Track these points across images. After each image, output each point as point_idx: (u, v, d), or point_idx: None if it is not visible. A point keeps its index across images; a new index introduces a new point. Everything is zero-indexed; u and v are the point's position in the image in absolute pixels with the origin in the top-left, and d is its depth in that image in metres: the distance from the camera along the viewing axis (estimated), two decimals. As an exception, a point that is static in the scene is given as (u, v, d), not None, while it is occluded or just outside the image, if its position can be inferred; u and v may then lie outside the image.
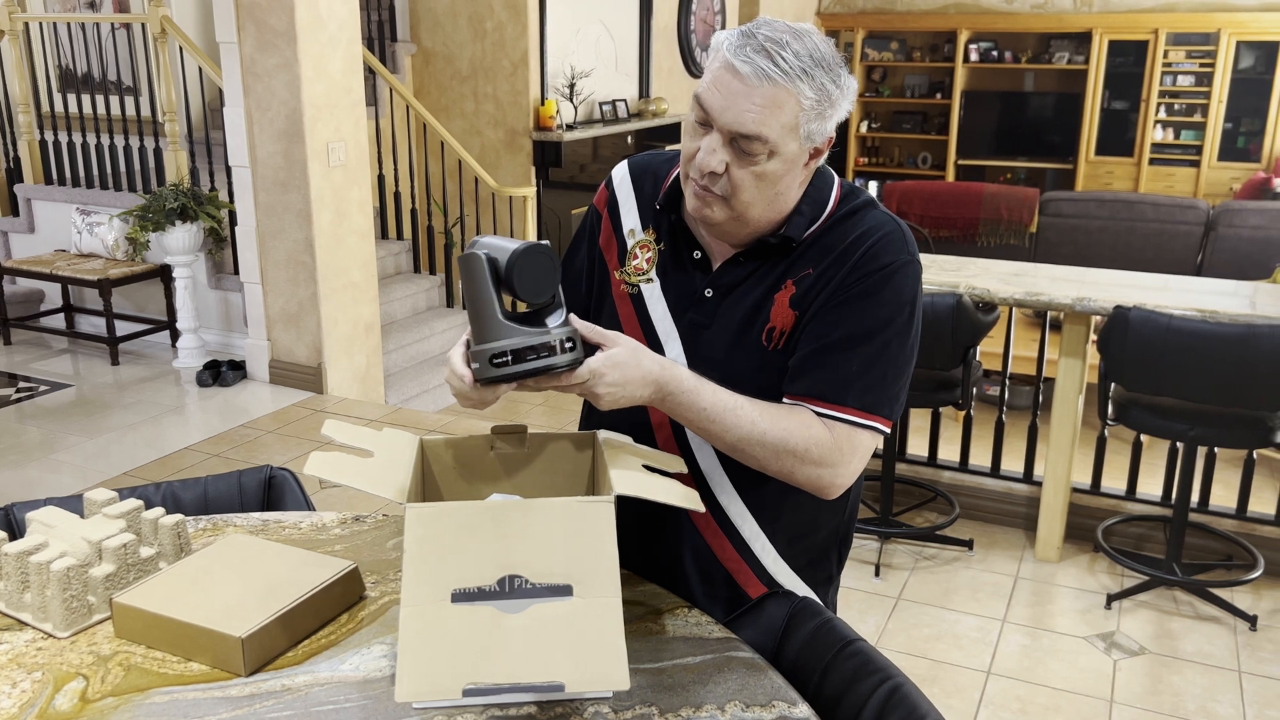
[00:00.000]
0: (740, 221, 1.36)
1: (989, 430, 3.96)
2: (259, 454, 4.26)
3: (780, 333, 1.39)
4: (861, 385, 1.34)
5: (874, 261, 1.35)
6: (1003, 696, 2.83)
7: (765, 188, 1.32)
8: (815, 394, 1.35)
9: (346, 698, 1.21)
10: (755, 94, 1.26)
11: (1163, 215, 6.42)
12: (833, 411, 1.34)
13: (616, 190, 1.54)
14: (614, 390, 1.26)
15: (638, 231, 1.50)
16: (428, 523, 1.18)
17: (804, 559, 1.53)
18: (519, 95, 6.51)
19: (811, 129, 1.30)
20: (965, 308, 3.23)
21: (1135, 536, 3.64)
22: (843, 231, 1.38)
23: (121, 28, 6.40)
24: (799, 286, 1.38)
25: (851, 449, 1.35)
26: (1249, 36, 8.83)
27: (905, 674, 1.28)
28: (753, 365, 1.39)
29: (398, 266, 6.07)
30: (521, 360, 1.24)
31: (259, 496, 1.90)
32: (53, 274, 5.50)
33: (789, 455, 1.33)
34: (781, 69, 1.25)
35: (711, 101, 1.29)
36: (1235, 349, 2.92)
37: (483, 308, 1.25)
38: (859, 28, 10.32)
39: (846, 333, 1.35)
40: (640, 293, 1.48)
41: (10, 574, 1.38)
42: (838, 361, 1.34)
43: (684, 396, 1.30)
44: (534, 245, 1.25)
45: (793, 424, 1.33)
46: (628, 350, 1.27)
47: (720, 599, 1.51)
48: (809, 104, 1.27)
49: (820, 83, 1.27)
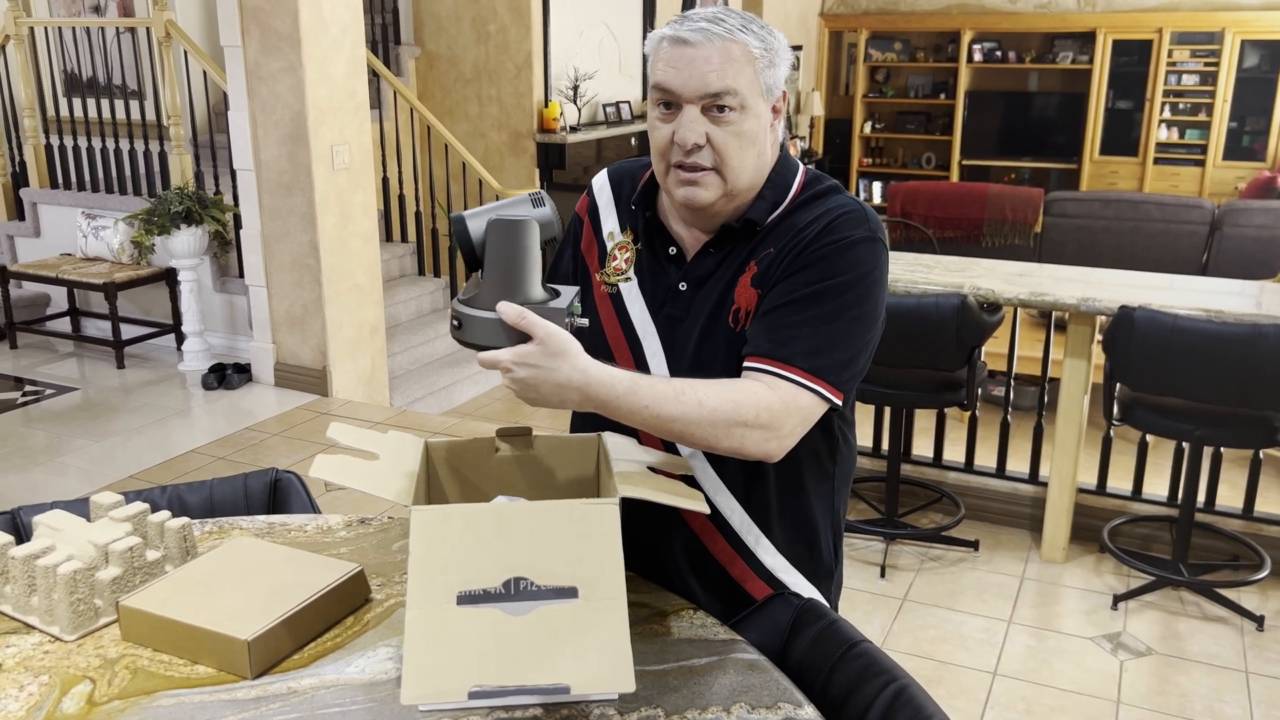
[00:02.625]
0: (729, 196, 1.39)
1: (994, 431, 3.95)
2: (264, 457, 4.26)
3: (745, 313, 1.40)
4: (808, 347, 1.33)
5: (832, 234, 1.37)
6: (1008, 697, 2.83)
7: (747, 147, 1.36)
8: (762, 352, 1.35)
9: (352, 700, 1.21)
10: (710, 53, 1.32)
11: (1168, 215, 6.41)
12: (778, 369, 1.33)
13: (597, 196, 1.58)
14: (525, 390, 1.23)
15: (616, 234, 1.54)
16: (433, 525, 1.19)
17: (802, 552, 1.54)
18: (522, 98, 6.52)
19: (768, 79, 1.36)
20: (970, 308, 3.23)
21: (1141, 537, 3.63)
22: (805, 213, 1.42)
23: (126, 32, 6.43)
24: (760, 265, 1.40)
25: (797, 410, 1.33)
26: (1253, 35, 8.81)
27: (911, 675, 1.28)
28: (722, 349, 1.41)
29: (402, 269, 6.08)
30: (458, 327, 1.25)
31: (264, 499, 1.90)
32: (58, 278, 5.51)
33: (740, 426, 1.29)
34: (725, 27, 1.33)
35: (672, 79, 1.34)
36: (1241, 349, 2.91)
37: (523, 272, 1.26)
38: (862, 28, 10.31)
39: (799, 296, 1.36)
40: (619, 292, 1.50)
41: (17, 577, 1.38)
42: (787, 322, 1.35)
43: (619, 400, 1.25)
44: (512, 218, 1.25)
45: (739, 395, 1.31)
46: (543, 352, 1.21)
47: (718, 595, 1.52)
48: (759, 52, 1.34)
49: (760, 35, 1.35)
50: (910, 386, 3.42)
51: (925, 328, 3.21)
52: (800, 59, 10.04)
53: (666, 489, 1.29)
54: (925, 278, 3.44)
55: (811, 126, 10.49)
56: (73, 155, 5.89)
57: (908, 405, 3.48)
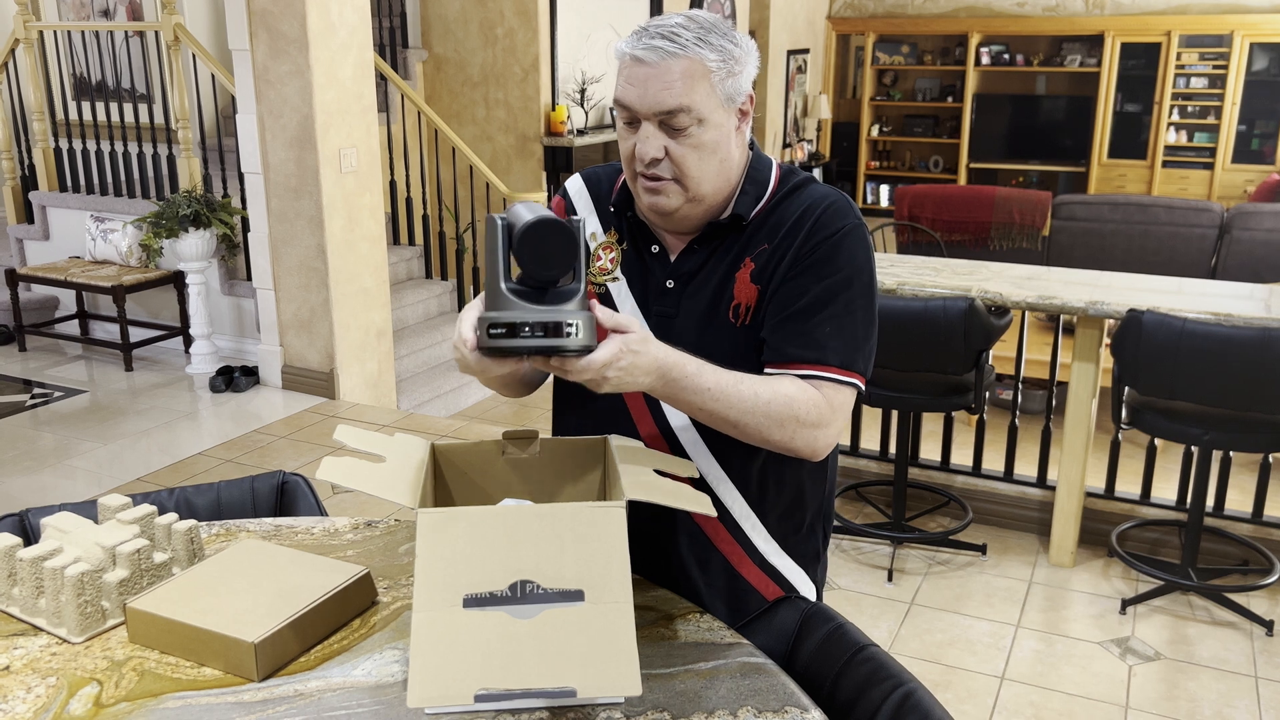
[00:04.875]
0: (694, 201, 1.41)
1: (1002, 435, 3.94)
2: (271, 459, 4.27)
3: (746, 308, 1.44)
4: (836, 345, 1.40)
5: (825, 229, 1.42)
6: (1016, 702, 2.82)
7: (708, 158, 1.38)
8: (796, 359, 1.40)
9: (359, 703, 1.21)
10: (663, 72, 1.33)
11: (1176, 218, 6.38)
12: (816, 372, 1.39)
13: (574, 200, 1.59)
14: (620, 376, 1.26)
15: (599, 234, 1.55)
16: (440, 528, 1.19)
17: (791, 536, 1.55)
18: (530, 101, 6.53)
19: (728, 89, 1.37)
20: (978, 312, 3.22)
21: (1150, 541, 3.62)
22: (789, 206, 1.45)
23: (135, 36, 6.45)
24: (757, 262, 1.44)
25: (840, 406, 1.41)
26: (1262, 38, 8.79)
27: (918, 680, 1.28)
28: (724, 343, 1.44)
29: (409, 272, 6.09)
30: (516, 335, 1.19)
31: (271, 502, 1.91)
32: (67, 281, 5.53)
33: (792, 421, 1.37)
34: (679, 43, 1.33)
35: (629, 95, 1.36)
36: (1250, 352, 2.90)
37: (491, 275, 1.24)
38: (870, 32, 10.31)
39: (813, 299, 1.41)
40: (608, 291, 1.52)
41: (25, 579, 1.38)
42: (810, 327, 1.40)
43: (688, 380, 1.32)
44: (549, 219, 1.20)
45: (791, 389, 1.37)
46: (639, 338, 1.27)
47: (719, 587, 1.52)
48: (715, 65, 1.35)
49: (719, 45, 1.35)
50: (918, 390, 3.41)
51: (933, 331, 3.21)
52: (808, 62, 10.03)
53: (673, 492, 1.29)
54: (933, 281, 3.43)
55: (819, 130, 10.48)
56: (82, 159, 5.91)
57: (915, 409, 3.47)
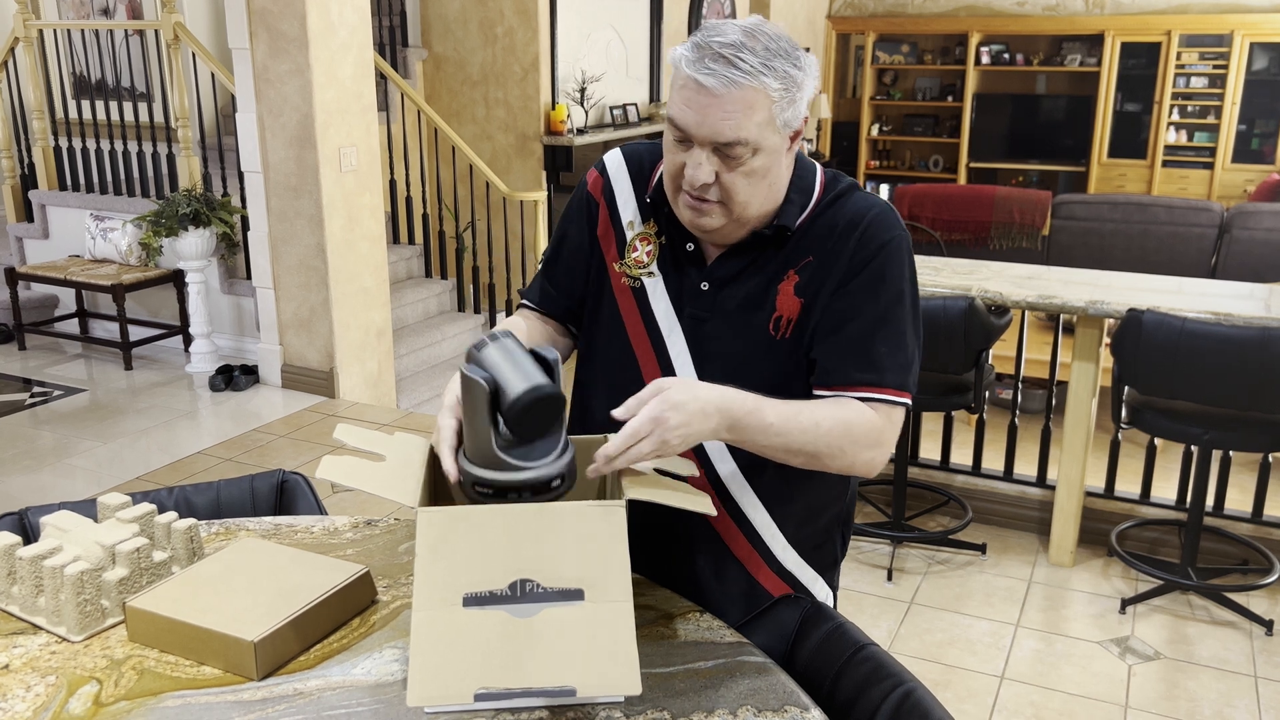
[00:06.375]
0: (739, 222, 1.38)
1: (1002, 434, 3.94)
2: (271, 458, 4.27)
3: (788, 321, 1.41)
4: (892, 364, 1.39)
5: (872, 242, 1.39)
6: (1016, 702, 2.82)
7: (758, 183, 1.35)
8: (854, 381, 1.38)
9: (358, 702, 1.21)
10: (725, 102, 1.28)
11: (1176, 218, 6.39)
12: (874, 394, 1.38)
13: (613, 179, 1.53)
14: (683, 430, 1.23)
15: (637, 223, 1.50)
16: (439, 526, 1.18)
17: (810, 544, 1.55)
18: (530, 100, 6.52)
19: (786, 116, 1.33)
20: (978, 311, 3.22)
21: (1150, 541, 3.62)
22: (833, 216, 1.42)
23: (135, 34, 6.45)
24: (802, 275, 1.41)
25: (895, 425, 1.41)
26: (1263, 38, 8.78)
27: (918, 679, 1.28)
28: (761, 355, 1.42)
29: (409, 271, 6.09)
30: (503, 497, 1.23)
31: (271, 501, 1.91)
32: (67, 279, 5.53)
33: (852, 446, 1.35)
34: (744, 70, 1.27)
35: (686, 119, 1.31)
36: (1250, 352, 2.90)
37: (477, 433, 1.23)
38: (870, 31, 10.31)
39: (866, 319, 1.38)
40: (643, 286, 1.48)
41: (24, 578, 1.38)
42: (866, 348, 1.38)
43: (749, 418, 1.28)
44: (541, 396, 1.19)
45: (849, 414, 1.36)
46: (680, 386, 1.24)
47: (735, 594, 1.51)
48: (778, 94, 1.30)
49: (783, 71, 1.30)
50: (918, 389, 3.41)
51: (933, 330, 3.20)
52: (807, 61, 10.01)
53: (673, 491, 1.29)
54: (933, 280, 3.43)
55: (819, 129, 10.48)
56: (81, 157, 5.91)
57: (915, 408, 3.47)
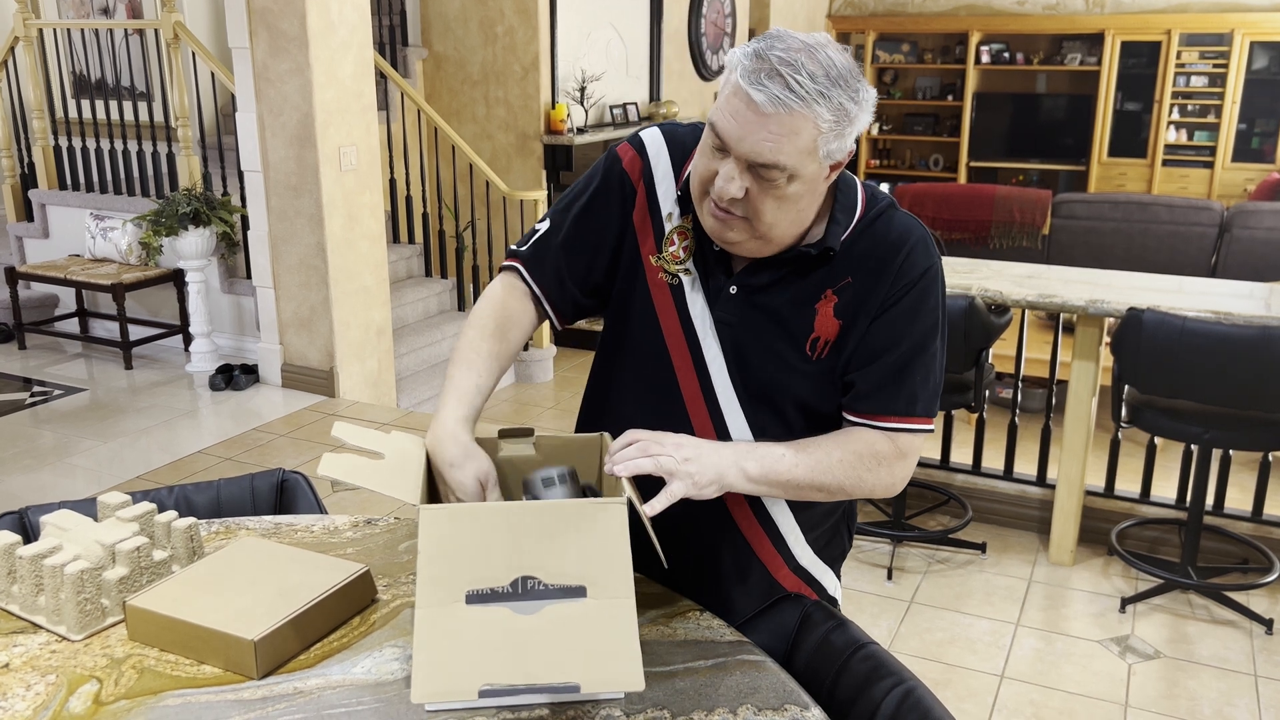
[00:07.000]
0: (761, 240, 1.33)
1: (1002, 433, 3.94)
2: (271, 457, 4.27)
3: (825, 342, 1.38)
4: (924, 393, 1.39)
5: (913, 270, 1.36)
6: (1016, 700, 2.82)
7: (787, 208, 1.29)
8: (887, 411, 1.38)
9: (359, 701, 1.21)
10: (771, 123, 1.21)
11: (1176, 217, 6.38)
12: (901, 424, 1.38)
13: (653, 163, 1.46)
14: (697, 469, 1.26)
15: (675, 216, 1.43)
16: (441, 524, 1.18)
17: (823, 540, 1.55)
18: (530, 99, 6.52)
19: (831, 149, 1.26)
20: (978, 310, 3.22)
21: (1150, 540, 3.62)
22: (874, 237, 1.38)
23: (135, 34, 6.45)
24: (841, 296, 1.37)
25: (914, 452, 1.41)
26: (1263, 37, 8.78)
27: (918, 678, 1.28)
28: (794, 374, 1.39)
29: (409, 270, 6.09)
30: None
31: (271, 500, 1.91)
32: (67, 279, 5.53)
33: (870, 477, 1.37)
34: (797, 94, 1.20)
35: (728, 130, 1.25)
36: (1250, 351, 2.90)
37: None
38: (870, 30, 10.31)
39: (905, 349, 1.37)
40: (681, 284, 1.43)
41: (25, 577, 1.38)
42: (903, 378, 1.37)
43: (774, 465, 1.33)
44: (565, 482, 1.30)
45: (860, 446, 1.37)
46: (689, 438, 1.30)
47: (756, 595, 1.52)
48: (827, 126, 1.23)
49: (838, 102, 1.23)
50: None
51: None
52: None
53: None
54: (933, 279, 3.42)
55: (818, 128, 10.48)
56: (81, 157, 5.91)
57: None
